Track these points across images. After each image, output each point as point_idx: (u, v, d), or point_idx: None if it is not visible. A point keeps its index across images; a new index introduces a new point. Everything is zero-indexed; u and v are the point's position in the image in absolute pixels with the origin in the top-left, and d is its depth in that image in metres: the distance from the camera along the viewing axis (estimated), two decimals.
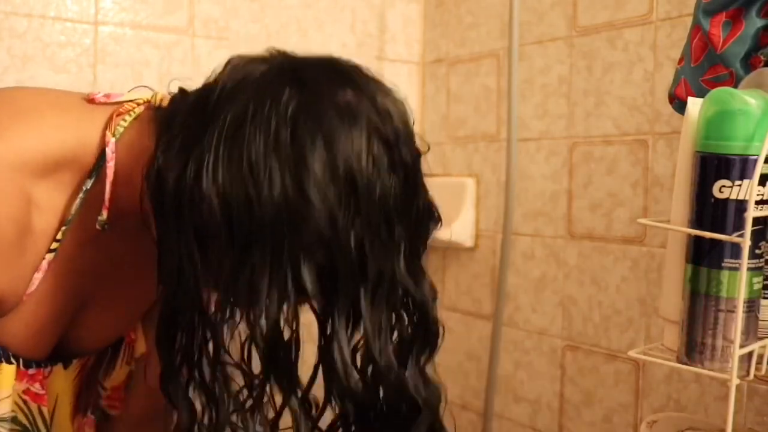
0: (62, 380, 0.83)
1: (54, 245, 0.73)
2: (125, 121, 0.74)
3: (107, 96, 0.77)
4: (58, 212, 0.73)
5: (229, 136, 0.65)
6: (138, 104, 0.76)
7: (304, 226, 0.64)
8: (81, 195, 0.73)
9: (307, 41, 1.48)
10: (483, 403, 1.43)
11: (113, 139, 0.73)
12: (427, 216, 0.73)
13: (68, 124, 0.74)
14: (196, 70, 1.36)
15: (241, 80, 0.69)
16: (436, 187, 1.73)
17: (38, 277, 0.74)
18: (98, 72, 1.27)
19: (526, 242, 1.38)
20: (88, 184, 0.73)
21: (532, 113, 1.37)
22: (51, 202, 0.72)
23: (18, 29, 1.21)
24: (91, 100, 0.77)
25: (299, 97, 0.66)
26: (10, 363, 0.76)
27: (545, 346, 1.35)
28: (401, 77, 1.59)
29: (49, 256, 0.73)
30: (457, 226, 1.49)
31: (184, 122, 0.69)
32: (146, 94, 0.78)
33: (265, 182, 0.63)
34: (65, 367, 0.83)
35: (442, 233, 1.47)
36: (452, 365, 1.53)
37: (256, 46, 1.42)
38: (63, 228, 0.73)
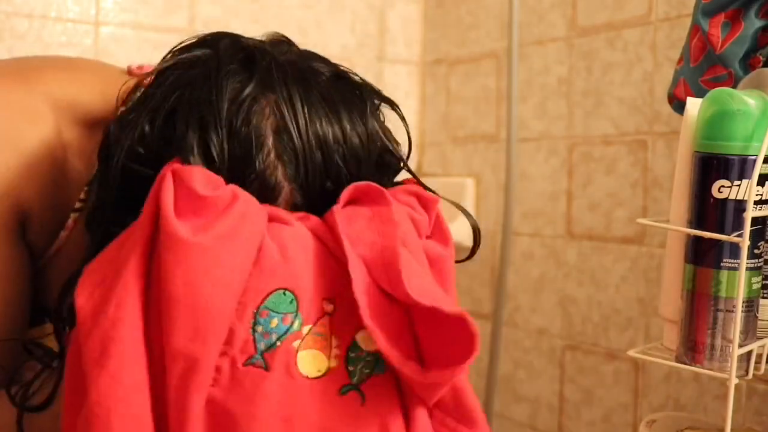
0: None
1: (78, 204, 0.74)
2: None
3: (140, 68, 0.80)
4: (89, 168, 0.73)
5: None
6: None
7: None
8: None
9: (307, 41, 1.47)
10: (483, 402, 1.43)
11: None
12: None
13: (111, 85, 0.75)
14: None
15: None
16: (436, 187, 1.73)
17: (64, 234, 0.74)
18: None
19: (526, 242, 1.38)
20: None
21: (532, 114, 1.37)
22: (84, 154, 0.73)
23: (19, 29, 1.21)
24: (130, 72, 0.81)
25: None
26: None
27: (545, 346, 1.35)
28: (401, 77, 1.59)
29: (74, 215, 0.74)
30: (456, 226, 1.49)
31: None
32: None
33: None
34: None
35: None
36: None
37: None
38: (86, 188, 0.73)
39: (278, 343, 0.58)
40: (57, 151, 0.72)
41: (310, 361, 0.59)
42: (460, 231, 1.50)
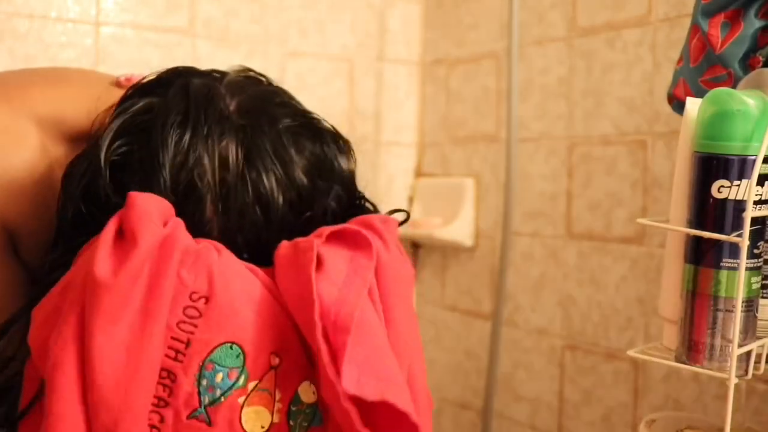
0: None
1: None
2: None
3: (128, 79, 0.80)
4: None
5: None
6: None
7: None
8: None
9: (307, 42, 1.48)
10: (483, 402, 1.43)
11: None
12: None
13: (97, 101, 0.76)
14: None
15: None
16: (436, 187, 1.73)
17: None
18: None
19: (526, 242, 1.38)
20: None
21: (532, 114, 1.37)
22: None
23: (20, 30, 1.21)
24: (118, 84, 0.82)
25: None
26: None
27: (545, 346, 1.35)
28: (401, 78, 1.59)
29: None
30: (456, 226, 1.49)
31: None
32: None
33: None
34: None
35: (442, 233, 1.48)
36: (452, 364, 1.53)
37: (256, 47, 1.43)
38: None
39: (222, 399, 0.59)
40: (43, 169, 0.74)
41: (254, 418, 0.59)
42: (459, 231, 1.50)
